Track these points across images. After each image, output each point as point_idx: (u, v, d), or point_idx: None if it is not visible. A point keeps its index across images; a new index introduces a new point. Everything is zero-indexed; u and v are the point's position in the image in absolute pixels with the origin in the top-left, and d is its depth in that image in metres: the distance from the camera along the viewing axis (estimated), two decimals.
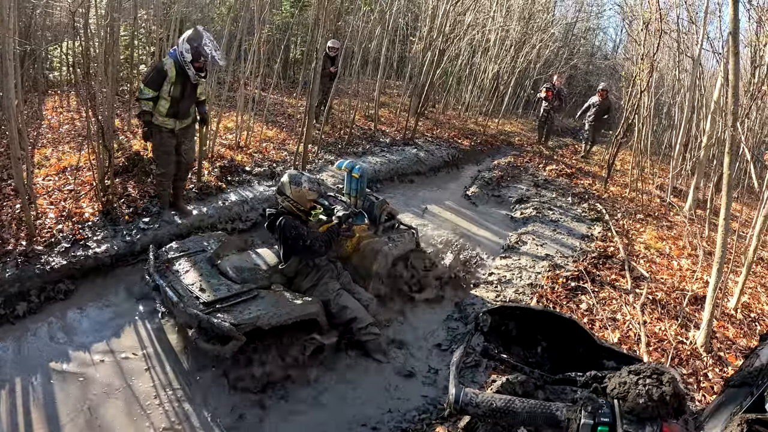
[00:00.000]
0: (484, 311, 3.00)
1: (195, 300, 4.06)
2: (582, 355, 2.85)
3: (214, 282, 4.34)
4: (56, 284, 4.79)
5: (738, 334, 5.49)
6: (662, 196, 10.92)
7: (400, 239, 5.58)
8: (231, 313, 3.94)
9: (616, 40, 33.86)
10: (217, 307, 3.98)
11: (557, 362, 2.96)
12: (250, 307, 4.05)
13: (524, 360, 3.01)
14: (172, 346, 4.40)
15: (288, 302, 4.23)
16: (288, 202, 4.61)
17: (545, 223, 8.24)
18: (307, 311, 4.24)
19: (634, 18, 14.47)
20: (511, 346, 3.07)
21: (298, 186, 4.57)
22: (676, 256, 7.45)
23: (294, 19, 14.73)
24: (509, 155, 13.37)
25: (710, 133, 10.20)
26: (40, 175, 6.43)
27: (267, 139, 9.46)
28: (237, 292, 4.20)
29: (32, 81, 9.56)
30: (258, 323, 3.91)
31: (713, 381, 4.60)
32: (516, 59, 16.85)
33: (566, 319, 2.99)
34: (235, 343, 3.82)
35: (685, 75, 13.55)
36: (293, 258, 4.61)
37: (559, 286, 5.98)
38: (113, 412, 3.68)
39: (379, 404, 4.09)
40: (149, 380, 4.02)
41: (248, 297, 4.16)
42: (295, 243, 4.46)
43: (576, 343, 2.89)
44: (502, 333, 3.07)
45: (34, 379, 3.86)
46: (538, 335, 3.06)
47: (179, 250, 4.81)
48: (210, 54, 5.54)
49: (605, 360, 2.76)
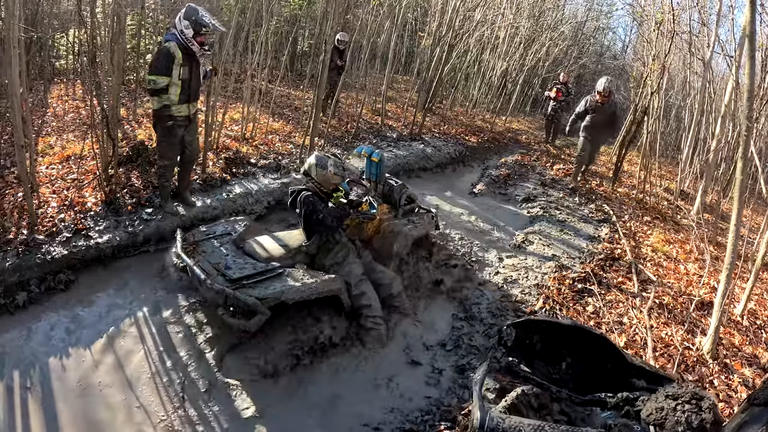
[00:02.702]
0: (509, 324, 2.92)
1: (221, 277, 4.18)
2: (609, 372, 2.77)
3: (240, 261, 4.47)
4: (57, 274, 4.75)
5: (744, 341, 5.44)
6: (670, 199, 10.83)
7: (420, 221, 5.78)
8: (256, 289, 4.07)
9: (625, 41, 33.74)
10: (243, 284, 4.13)
11: (582, 379, 2.88)
12: (275, 283, 4.19)
13: (548, 376, 2.93)
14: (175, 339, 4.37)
15: (311, 279, 4.32)
16: (312, 183, 4.79)
17: (552, 222, 8.16)
18: (330, 288, 4.37)
19: (644, 19, 14.38)
20: (534, 361, 2.99)
21: (324, 169, 4.73)
22: (683, 260, 7.38)
23: (302, 11, 14.66)
24: (516, 153, 13.28)
25: (720, 137, 10.11)
26: (43, 164, 6.38)
27: (273, 131, 9.39)
28: (262, 270, 4.33)
29: (38, 69, 9.52)
30: (282, 298, 4.04)
31: (719, 389, 4.55)
32: (525, 57, 16.73)
33: (597, 335, 2.90)
34: (260, 318, 3.94)
35: (695, 77, 13.45)
36: (315, 235, 4.76)
37: (565, 287, 5.91)
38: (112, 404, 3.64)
39: (381, 404, 4.03)
40: (149, 372, 3.98)
41: (273, 274, 4.30)
42: (308, 217, 4.62)
43: (603, 359, 2.81)
44: (526, 347, 2.99)
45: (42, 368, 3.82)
46: (563, 350, 2.98)
47: (206, 233, 4.97)
48: (210, 23, 5.41)
49: (635, 379, 2.67)
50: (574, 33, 22.28)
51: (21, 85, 4.88)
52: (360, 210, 4.95)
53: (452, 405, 4.00)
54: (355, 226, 5.21)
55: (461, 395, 4.14)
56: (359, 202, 4.92)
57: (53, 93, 9.69)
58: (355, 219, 5.11)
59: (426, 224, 5.86)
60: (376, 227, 5.44)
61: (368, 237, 5.41)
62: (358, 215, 5.03)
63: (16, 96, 4.65)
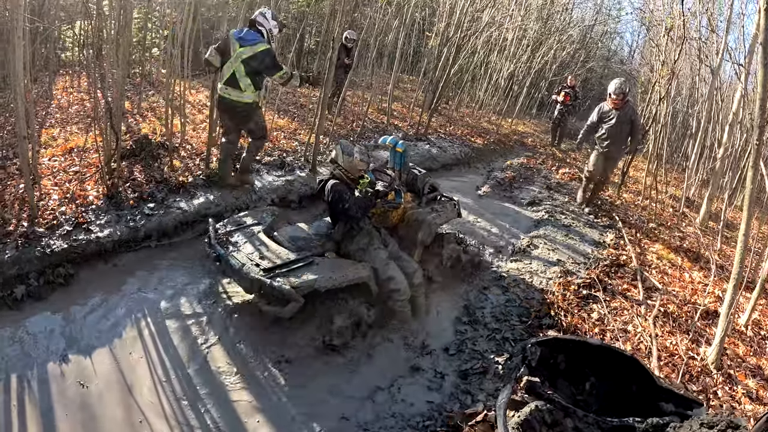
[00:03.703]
0: (534, 342, 2.85)
1: (256, 267, 4.35)
2: (636, 394, 2.70)
3: (272, 251, 4.64)
4: (56, 268, 4.69)
5: (748, 352, 5.38)
6: (675, 206, 10.77)
7: (443, 209, 5.86)
8: (290, 278, 4.24)
9: (632, 45, 33.68)
10: (276, 273, 4.29)
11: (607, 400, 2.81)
12: (307, 271, 4.35)
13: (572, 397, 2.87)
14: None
15: (341, 267, 4.54)
16: (339, 170, 4.97)
17: (557, 227, 8.09)
18: (359, 275, 4.56)
19: (652, 24, 14.32)
20: (557, 381, 2.93)
21: (350, 156, 4.92)
22: (688, 268, 7.32)
23: (310, 8, 14.62)
24: (522, 156, 13.24)
25: (727, 145, 10.05)
26: (45, 155, 6.34)
27: (278, 128, 9.35)
28: (294, 259, 4.50)
29: (44, 60, 9.48)
30: (315, 286, 4.24)
31: (723, 399, 4.49)
32: (532, 59, 16.68)
33: (627, 356, 2.84)
34: (294, 305, 4.14)
35: (703, 84, 13.39)
36: (340, 222, 4.95)
37: (570, 293, 5.85)
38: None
39: (382, 408, 3.98)
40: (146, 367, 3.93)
41: (305, 263, 4.46)
42: (335, 205, 4.79)
43: (630, 381, 2.74)
44: (550, 366, 2.93)
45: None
46: (587, 369, 2.91)
47: (236, 224, 5.15)
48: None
49: (663, 402, 2.60)
50: (581, 36, 22.25)
51: (25, 76, 4.84)
52: (386, 199, 5.20)
53: (454, 411, 3.94)
54: (380, 215, 5.37)
55: (464, 401, 4.08)
56: (386, 192, 5.11)
57: (58, 84, 9.66)
58: (381, 208, 5.30)
59: (449, 212, 5.96)
60: (400, 215, 5.58)
61: (393, 225, 5.57)
62: (384, 204, 5.26)
63: (19, 87, 4.61)
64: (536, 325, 5.17)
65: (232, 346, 4.33)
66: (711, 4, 10.89)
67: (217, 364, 4.12)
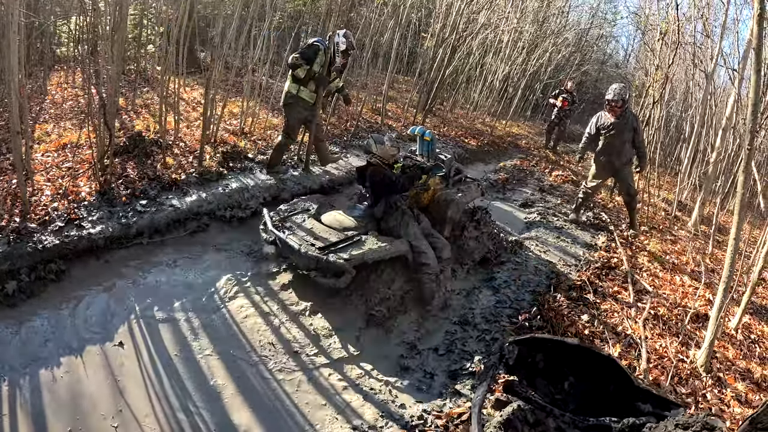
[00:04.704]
0: (512, 341, 2.87)
1: (312, 247, 4.93)
2: (613, 394, 2.72)
3: (323, 232, 5.31)
4: (48, 264, 4.67)
5: (738, 356, 5.42)
6: (667, 210, 10.82)
7: (468, 190, 6.53)
8: (342, 253, 4.83)
9: (627, 49, 33.80)
10: (331, 250, 4.89)
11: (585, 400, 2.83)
12: (356, 247, 4.98)
13: (550, 396, 2.88)
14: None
15: (384, 243, 5.14)
16: (375, 158, 5.62)
17: (549, 229, 8.13)
18: (399, 249, 5.18)
19: (648, 28, 14.39)
20: (536, 380, 2.94)
21: (382, 144, 5.61)
22: (679, 271, 7.36)
23: (306, 7, 14.62)
24: (516, 158, 13.27)
25: (720, 149, 10.10)
26: (39, 151, 6.32)
27: (272, 126, 9.33)
28: (344, 238, 5.14)
29: (39, 55, 9.46)
30: (365, 258, 4.88)
31: (712, 402, 4.52)
32: (527, 62, 16.73)
33: (604, 356, 2.86)
34: (348, 276, 4.74)
35: (697, 89, 13.46)
36: (382, 200, 5.59)
37: (561, 295, 5.88)
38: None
39: (370, 407, 3.99)
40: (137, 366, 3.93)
41: (353, 240, 5.11)
42: (381, 183, 5.54)
43: (608, 381, 2.76)
44: (528, 365, 2.94)
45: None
46: (566, 369, 2.92)
47: (288, 211, 5.73)
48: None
49: (640, 403, 2.62)
50: (577, 40, 22.31)
51: (20, 71, 4.83)
52: (418, 182, 5.96)
53: (443, 411, 3.95)
54: (413, 196, 5.90)
55: (454, 401, 4.09)
56: (430, 167, 6.24)
57: (53, 80, 9.63)
58: (414, 189, 5.91)
59: (473, 192, 6.64)
60: (431, 196, 6.10)
61: (424, 205, 6.06)
62: (416, 186, 5.93)
63: (14, 81, 4.60)
64: (526, 326, 5.18)
65: (220, 347, 4.32)
66: (706, 9, 10.96)
67: (210, 366, 4.13)
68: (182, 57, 7.51)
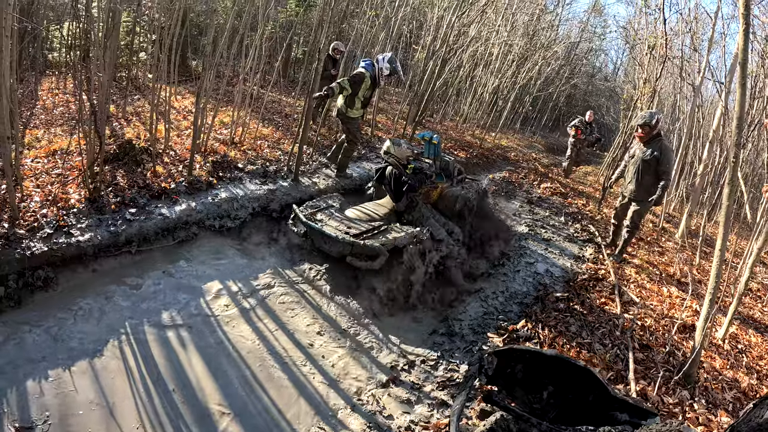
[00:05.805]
0: (490, 352, 2.89)
1: (346, 234, 5.63)
2: (591, 403, 2.74)
3: (354, 222, 6.11)
4: (35, 270, 4.64)
5: (725, 366, 5.45)
6: (655, 221, 10.90)
7: (470, 187, 7.57)
8: (376, 239, 5.61)
9: (616, 63, 34.11)
10: (364, 236, 5.68)
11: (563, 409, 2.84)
12: (386, 234, 5.85)
13: (529, 405, 2.90)
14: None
15: (408, 230, 5.96)
16: (392, 158, 6.63)
17: (537, 241, 8.18)
18: (421, 236, 5.92)
19: (636, 42, 14.53)
20: (515, 389, 2.96)
21: (399, 146, 6.65)
22: (666, 282, 7.41)
23: (298, 18, 14.66)
24: (504, 170, 13.35)
25: (707, 162, 10.20)
26: (29, 156, 6.30)
27: (262, 136, 9.35)
28: (374, 227, 6.02)
29: (30, 60, 9.44)
30: (396, 243, 5.65)
31: (699, 412, 4.54)
32: (517, 74, 16.84)
33: (580, 367, 2.88)
34: (382, 258, 5.48)
35: (685, 102, 13.59)
36: (404, 197, 6.47)
37: (548, 306, 5.90)
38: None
39: (357, 417, 3.98)
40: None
41: (381, 229, 5.99)
42: (397, 180, 6.55)
43: (586, 391, 2.78)
44: (507, 375, 2.96)
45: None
46: (545, 379, 2.94)
47: (313, 207, 6.33)
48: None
49: (617, 412, 2.64)
50: (566, 53, 22.49)
51: (11, 75, 4.82)
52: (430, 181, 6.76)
53: (431, 422, 3.95)
54: (425, 193, 6.76)
55: (441, 411, 4.10)
56: (434, 173, 6.91)
57: (44, 85, 9.61)
58: (425, 187, 6.71)
59: (475, 189, 7.56)
60: (439, 193, 7.03)
61: (434, 201, 7.00)
62: (427, 185, 6.73)
63: (4, 86, 4.58)
64: (514, 337, 5.19)
65: (207, 352, 4.31)
66: (694, 23, 11.10)
67: (191, 365, 4.11)
68: (174, 65, 7.52)
